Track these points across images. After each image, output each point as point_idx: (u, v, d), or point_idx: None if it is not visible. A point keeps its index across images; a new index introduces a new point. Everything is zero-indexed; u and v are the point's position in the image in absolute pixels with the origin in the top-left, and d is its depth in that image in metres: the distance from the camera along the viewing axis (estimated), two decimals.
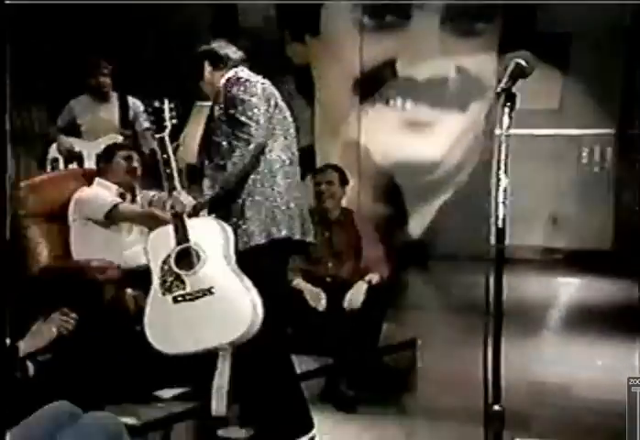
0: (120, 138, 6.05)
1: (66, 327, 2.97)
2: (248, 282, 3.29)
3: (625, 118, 7.73)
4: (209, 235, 3.30)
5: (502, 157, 2.10)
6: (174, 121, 3.46)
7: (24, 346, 3.27)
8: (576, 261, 7.29)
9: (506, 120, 2.12)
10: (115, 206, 4.37)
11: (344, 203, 4.76)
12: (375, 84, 7.91)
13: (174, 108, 3.50)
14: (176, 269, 3.22)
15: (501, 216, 2.13)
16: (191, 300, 3.22)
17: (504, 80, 2.17)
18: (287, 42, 8.18)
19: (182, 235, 3.24)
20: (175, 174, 3.32)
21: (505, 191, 2.11)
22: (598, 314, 5.93)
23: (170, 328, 3.24)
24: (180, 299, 3.23)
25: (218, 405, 3.32)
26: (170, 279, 3.24)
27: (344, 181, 4.69)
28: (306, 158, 6.09)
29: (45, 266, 4.35)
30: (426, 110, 7.86)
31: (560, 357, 4.68)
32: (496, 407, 2.14)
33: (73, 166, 6.14)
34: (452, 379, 4.56)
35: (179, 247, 3.23)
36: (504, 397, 2.20)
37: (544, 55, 5.27)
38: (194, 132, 4.64)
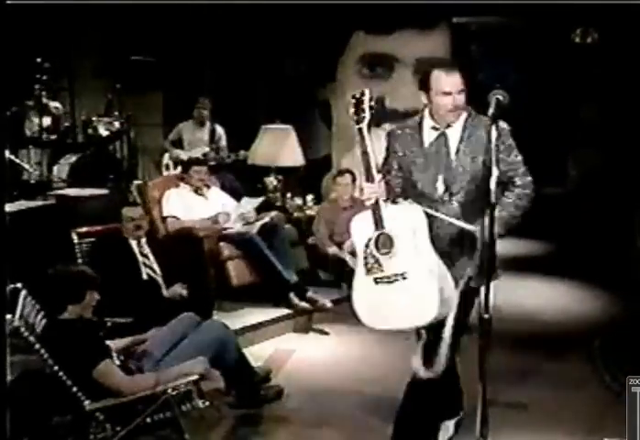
0: (207, 150, 7.74)
1: None
2: (437, 268, 3.13)
3: None
4: (403, 222, 3.12)
5: (494, 158, 2.34)
6: (372, 112, 3.25)
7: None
8: None
9: (494, 133, 2.36)
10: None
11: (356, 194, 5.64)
12: (371, 114, 8.47)
13: (372, 99, 3.27)
14: (375, 253, 3.09)
15: (493, 188, 2.39)
16: (388, 282, 3.09)
17: (491, 109, 2.43)
18: (314, 86, 9.18)
19: (379, 221, 3.10)
20: (372, 164, 3.08)
21: (495, 177, 2.35)
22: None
23: (375, 306, 3.12)
24: (379, 281, 3.10)
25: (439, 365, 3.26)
26: (370, 261, 3.11)
27: (354, 180, 5.79)
28: (326, 163, 8.57)
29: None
30: None
31: None
32: (486, 316, 2.42)
33: (178, 169, 7.24)
34: None
35: (376, 233, 3.10)
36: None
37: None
38: None
